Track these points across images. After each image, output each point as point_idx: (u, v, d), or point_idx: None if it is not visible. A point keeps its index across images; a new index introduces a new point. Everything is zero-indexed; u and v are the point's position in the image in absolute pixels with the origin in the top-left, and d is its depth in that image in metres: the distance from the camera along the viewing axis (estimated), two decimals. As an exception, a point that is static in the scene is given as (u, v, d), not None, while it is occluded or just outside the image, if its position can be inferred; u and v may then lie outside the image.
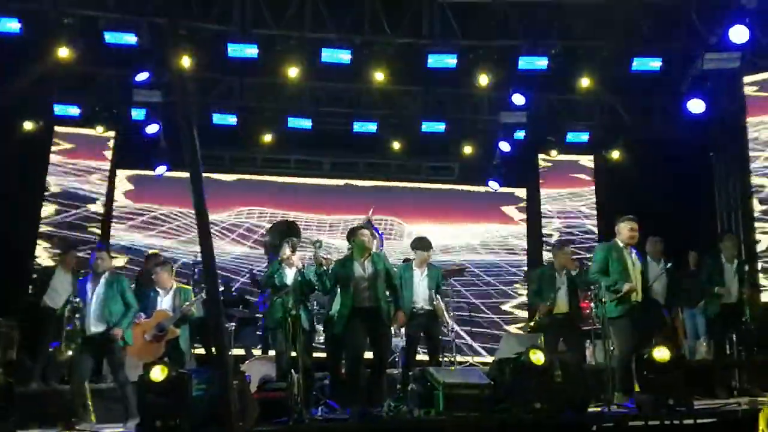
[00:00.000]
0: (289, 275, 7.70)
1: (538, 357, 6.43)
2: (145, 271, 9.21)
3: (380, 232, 7.09)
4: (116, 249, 11.96)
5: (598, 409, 6.69)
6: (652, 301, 7.98)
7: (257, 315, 9.81)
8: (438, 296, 8.07)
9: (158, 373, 6.08)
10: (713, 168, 11.84)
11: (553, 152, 13.05)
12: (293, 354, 7.05)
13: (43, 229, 11.92)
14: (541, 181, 13.58)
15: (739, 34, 9.76)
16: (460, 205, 13.66)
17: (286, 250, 7.75)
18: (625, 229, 7.19)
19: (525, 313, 12.82)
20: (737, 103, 11.14)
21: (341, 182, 13.50)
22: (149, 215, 12.83)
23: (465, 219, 13.60)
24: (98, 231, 12.17)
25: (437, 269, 8.31)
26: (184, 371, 6.39)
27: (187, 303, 7.71)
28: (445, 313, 8.35)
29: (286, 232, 8.82)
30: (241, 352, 9.78)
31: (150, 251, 10.88)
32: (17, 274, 10.79)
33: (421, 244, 8.22)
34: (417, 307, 7.86)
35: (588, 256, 12.75)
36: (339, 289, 7.19)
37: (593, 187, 13.51)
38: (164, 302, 7.81)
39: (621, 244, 7.18)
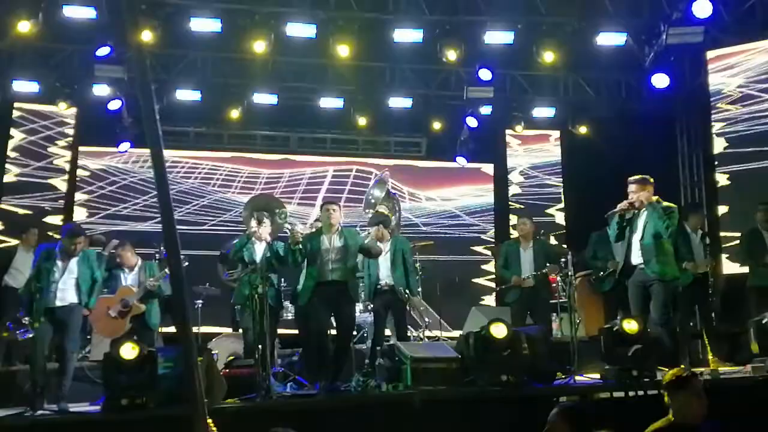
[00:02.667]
0: (258, 250, 7.65)
1: (499, 330, 6.48)
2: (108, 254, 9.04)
3: (395, 193, 6.98)
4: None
5: (564, 380, 6.79)
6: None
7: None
8: (410, 289, 7.95)
9: (128, 351, 6.03)
10: (677, 142, 11.97)
11: (520, 127, 13.07)
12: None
13: (3, 206, 11.68)
14: (508, 156, 13.62)
15: (702, 8, 9.83)
16: (428, 180, 13.66)
17: (253, 224, 7.69)
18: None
19: (493, 286, 12.94)
20: (700, 77, 11.26)
21: (308, 158, 13.38)
22: (112, 194, 12.62)
23: (432, 195, 13.61)
24: (58, 212, 11.96)
25: (404, 242, 8.21)
26: (151, 349, 6.35)
27: (152, 278, 7.66)
28: (422, 311, 8.38)
29: (262, 206, 8.73)
30: (210, 329, 9.73)
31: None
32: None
33: (378, 219, 8.17)
34: (381, 284, 7.84)
35: (558, 230, 12.90)
36: (305, 263, 7.13)
37: (559, 162, 13.61)
38: (129, 279, 7.80)
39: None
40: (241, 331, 8.11)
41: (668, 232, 6.77)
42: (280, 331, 8.89)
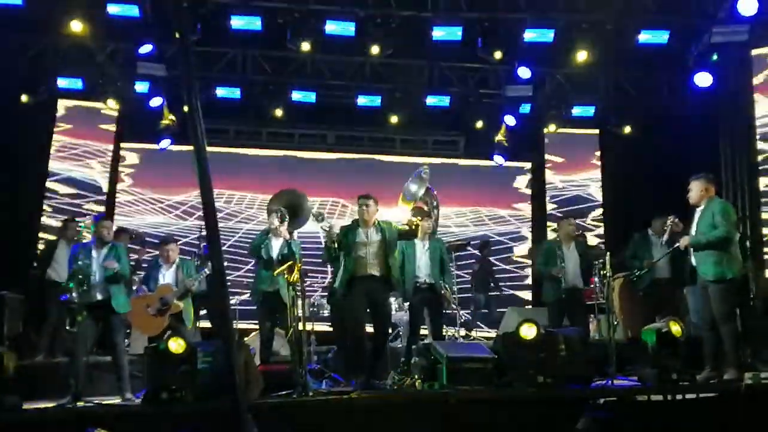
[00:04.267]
0: (275, 246, 7.68)
1: (528, 331, 6.43)
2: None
3: (433, 189, 6.95)
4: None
5: (602, 383, 6.72)
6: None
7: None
8: (446, 286, 8.04)
9: (177, 346, 6.12)
10: (719, 144, 11.75)
11: (559, 126, 12.96)
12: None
13: (47, 203, 11.91)
14: (546, 155, 13.53)
15: (747, 6, 9.64)
16: (465, 179, 13.62)
17: (275, 221, 7.71)
18: None
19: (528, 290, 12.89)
20: (745, 77, 11.04)
21: (345, 156, 13.43)
22: (153, 192, 12.82)
23: (470, 192, 13.57)
24: (102, 208, 12.16)
25: (440, 242, 8.29)
26: (192, 344, 6.44)
27: (190, 278, 7.73)
28: (452, 300, 8.36)
29: (285, 201, 8.74)
30: (248, 325, 9.83)
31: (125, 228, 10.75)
32: (22, 248, 10.83)
33: (419, 214, 8.10)
34: (420, 281, 7.88)
35: (595, 231, 12.81)
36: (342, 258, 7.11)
37: (599, 161, 13.47)
38: (167, 276, 7.85)
39: None
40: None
41: (716, 230, 6.59)
42: (317, 327, 8.97)
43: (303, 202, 8.33)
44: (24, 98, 11.36)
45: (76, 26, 10.20)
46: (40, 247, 10.61)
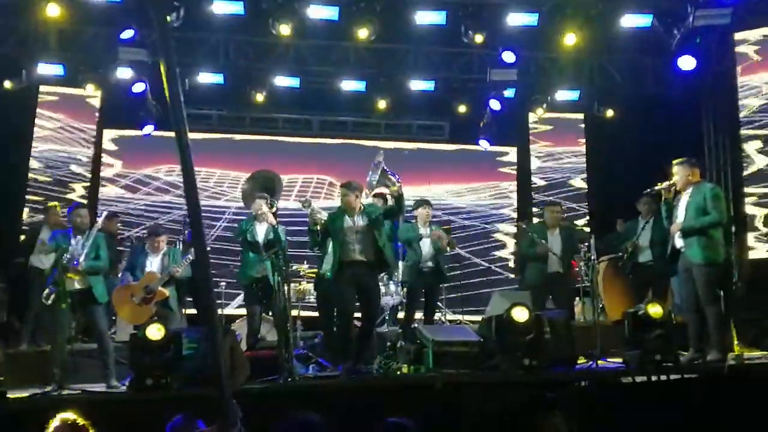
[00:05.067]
0: (260, 231, 7.68)
1: (521, 314, 6.47)
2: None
3: (390, 171, 6.98)
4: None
5: (586, 365, 6.77)
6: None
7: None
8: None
9: (155, 332, 6.11)
10: (702, 126, 11.80)
11: (543, 110, 12.97)
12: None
13: (30, 190, 11.81)
14: (531, 139, 13.54)
15: (730, -11, 9.68)
16: (451, 163, 13.62)
17: (263, 206, 7.69)
18: None
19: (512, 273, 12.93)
20: (728, 60, 11.08)
21: (331, 141, 13.40)
22: (136, 175, 12.75)
23: (455, 177, 13.58)
24: (84, 192, 12.07)
25: (440, 227, 8.70)
26: (176, 330, 6.42)
27: (175, 265, 7.69)
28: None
29: (260, 183, 8.74)
30: (234, 311, 9.82)
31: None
32: (4, 236, 10.74)
33: (422, 202, 8.54)
34: (423, 265, 8.18)
35: (579, 212, 12.87)
36: (330, 244, 7.13)
37: (583, 145, 13.50)
38: (154, 264, 7.80)
39: None
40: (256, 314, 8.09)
41: (710, 215, 6.60)
42: (303, 313, 8.98)
43: (276, 180, 8.40)
44: (7, 84, 11.22)
45: (53, 11, 10.03)
46: (23, 235, 10.51)
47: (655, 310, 6.50)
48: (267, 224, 7.66)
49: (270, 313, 8.08)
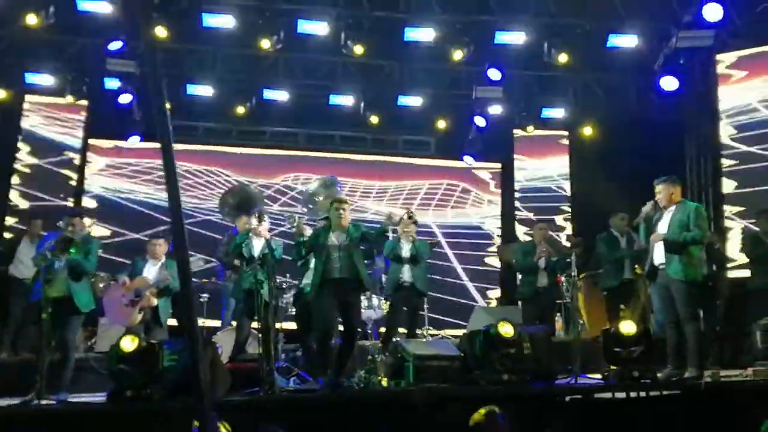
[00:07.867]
0: (257, 246, 7.70)
1: (507, 330, 6.52)
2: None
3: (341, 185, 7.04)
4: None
5: (566, 380, 6.82)
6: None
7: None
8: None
9: (128, 343, 6.09)
10: (685, 146, 11.94)
11: (529, 128, 13.08)
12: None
13: (13, 194, 11.78)
14: (515, 156, 13.64)
15: (713, 12, 9.80)
16: (436, 178, 13.70)
17: (254, 221, 7.72)
18: None
19: (497, 289, 13.00)
20: (710, 81, 11.25)
21: (317, 155, 13.43)
22: (122, 186, 12.73)
23: (439, 191, 13.66)
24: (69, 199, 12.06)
25: (424, 244, 8.67)
26: (154, 341, 6.39)
27: (166, 272, 7.66)
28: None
29: (238, 197, 8.75)
30: (215, 323, 9.78)
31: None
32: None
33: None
34: (404, 279, 8.25)
35: (564, 232, 12.95)
36: (313, 260, 7.16)
37: (567, 163, 13.61)
38: (151, 271, 7.76)
39: None
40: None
41: (693, 232, 6.67)
42: (285, 326, 8.97)
43: (252, 193, 8.43)
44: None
45: (31, 20, 10.01)
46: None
47: (627, 328, 6.56)
48: (263, 239, 7.67)
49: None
